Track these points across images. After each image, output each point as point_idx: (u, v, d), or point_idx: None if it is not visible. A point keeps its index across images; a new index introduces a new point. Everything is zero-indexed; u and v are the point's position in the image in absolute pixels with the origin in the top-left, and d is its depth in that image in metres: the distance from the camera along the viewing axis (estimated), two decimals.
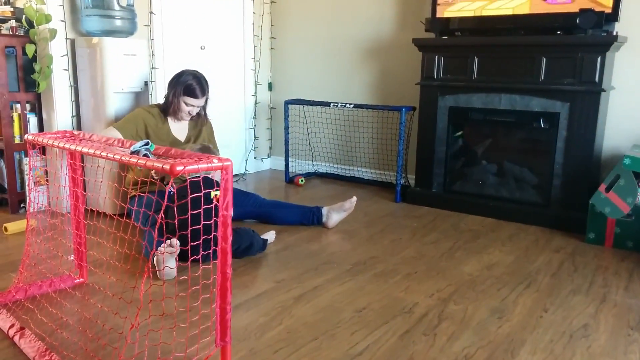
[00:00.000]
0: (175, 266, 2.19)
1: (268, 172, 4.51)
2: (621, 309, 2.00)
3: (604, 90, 2.85)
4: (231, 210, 1.45)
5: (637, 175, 2.61)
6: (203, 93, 2.88)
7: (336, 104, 3.81)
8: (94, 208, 2.85)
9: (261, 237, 2.52)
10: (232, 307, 1.87)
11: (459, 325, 1.86)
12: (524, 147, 3.28)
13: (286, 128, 4.09)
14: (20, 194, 3.13)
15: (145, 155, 1.49)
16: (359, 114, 4.07)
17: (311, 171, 4.38)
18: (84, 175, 2.08)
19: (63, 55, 3.06)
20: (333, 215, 2.93)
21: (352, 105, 3.74)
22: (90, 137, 1.81)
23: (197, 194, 1.51)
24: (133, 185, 2.76)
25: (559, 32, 2.93)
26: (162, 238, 2.23)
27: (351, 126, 4.14)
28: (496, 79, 3.13)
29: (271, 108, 4.55)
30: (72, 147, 1.64)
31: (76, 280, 2.12)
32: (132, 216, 2.67)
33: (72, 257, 2.15)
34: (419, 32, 3.51)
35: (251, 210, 2.97)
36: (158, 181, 2.62)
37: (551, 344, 1.74)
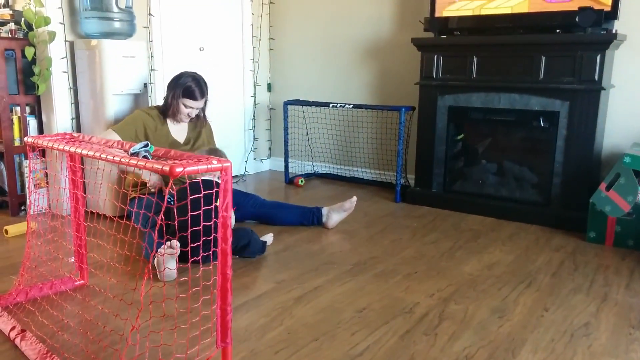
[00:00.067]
0: (175, 267, 2.19)
1: (268, 173, 4.51)
2: (622, 308, 2.00)
3: (604, 88, 2.85)
4: (231, 212, 1.45)
5: (638, 173, 2.61)
6: (202, 95, 2.88)
7: (335, 105, 3.81)
8: (94, 210, 2.86)
9: (260, 239, 2.52)
10: (233, 308, 1.87)
11: (460, 325, 1.86)
12: (524, 146, 3.28)
13: (285, 129, 4.09)
14: (20, 197, 3.13)
15: (144, 157, 1.49)
16: (359, 114, 4.07)
17: (311, 172, 4.38)
18: (84, 177, 2.09)
19: (62, 57, 3.06)
20: (333, 215, 2.93)
21: (352, 105, 3.74)
22: (90, 140, 1.81)
23: (197, 195, 1.51)
24: (133, 187, 2.76)
25: (558, 31, 2.93)
26: (162, 240, 2.24)
27: (351, 126, 4.14)
28: (495, 78, 3.13)
29: (270, 109, 4.55)
30: (72, 150, 1.64)
31: (77, 282, 2.13)
32: (132, 218, 2.67)
33: (73, 259, 2.15)
34: (418, 32, 3.51)
35: (251, 211, 2.98)
36: (157, 189, 2.63)
37: (552, 343, 1.73)
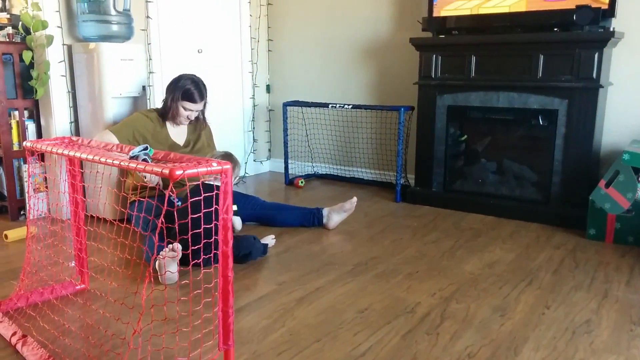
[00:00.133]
0: (176, 270, 2.19)
1: (268, 175, 4.51)
2: (623, 305, 2.00)
3: (602, 86, 2.85)
4: (232, 212, 1.45)
5: (637, 170, 2.61)
6: (201, 97, 2.88)
7: (334, 105, 3.81)
8: (94, 214, 2.85)
9: (262, 243, 2.51)
10: (234, 311, 1.86)
11: (462, 324, 1.86)
12: (523, 145, 3.28)
13: (285, 130, 4.09)
14: (19, 201, 3.13)
15: (144, 160, 1.49)
16: (358, 115, 4.07)
17: (311, 173, 4.38)
18: (84, 181, 2.08)
19: (60, 61, 3.06)
20: (333, 216, 2.93)
21: (351, 106, 3.74)
22: (89, 143, 1.81)
23: (197, 198, 1.51)
24: (132, 190, 2.76)
25: (556, 29, 2.93)
26: (163, 242, 2.23)
27: (350, 127, 4.14)
28: (494, 77, 3.13)
29: (270, 110, 4.55)
30: (71, 153, 1.64)
31: (77, 286, 2.12)
32: (132, 221, 2.67)
33: (73, 264, 2.15)
34: (416, 32, 3.51)
35: (251, 212, 2.97)
36: (157, 187, 2.62)
37: (554, 341, 1.73)
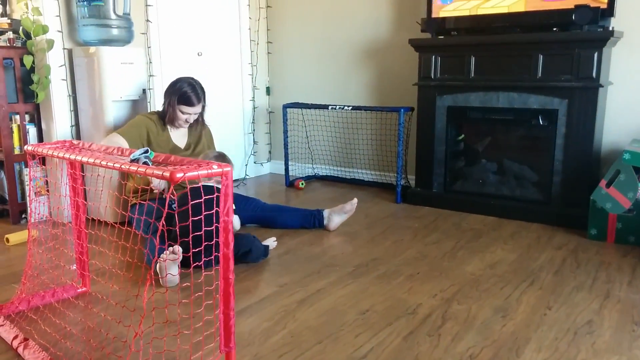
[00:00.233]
0: (177, 273, 2.19)
1: (268, 177, 4.51)
2: (625, 305, 2.00)
3: (602, 85, 2.85)
4: (232, 213, 1.45)
5: (637, 170, 2.61)
6: (199, 100, 2.88)
7: (334, 107, 3.81)
8: (95, 217, 2.85)
9: (262, 244, 2.52)
10: (236, 313, 1.86)
11: (463, 325, 1.85)
12: (524, 145, 3.28)
13: (285, 132, 4.09)
14: (21, 205, 3.13)
15: (144, 163, 1.49)
16: (358, 116, 4.07)
17: (311, 174, 4.38)
18: (85, 184, 2.08)
19: (61, 65, 3.07)
20: (334, 217, 2.93)
21: (351, 107, 3.74)
22: (90, 146, 1.81)
23: (198, 201, 1.51)
24: (133, 193, 2.76)
25: (555, 29, 2.93)
26: (164, 245, 2.23)
27: (350, 128, 4.14)
28: (493, 78, 3.13)
29: (270, 112, 4.56)
30: (72, 157, 1.64)
31: (79, 289, 2.12)
32: (133, 224, 2.67)
33: (74, 267, 2.15)
34: (415, 33, 3.51)
35: (252, 214, 2.97)
36: (158, 190, 2.62)
37: (556, 342, 1.73)
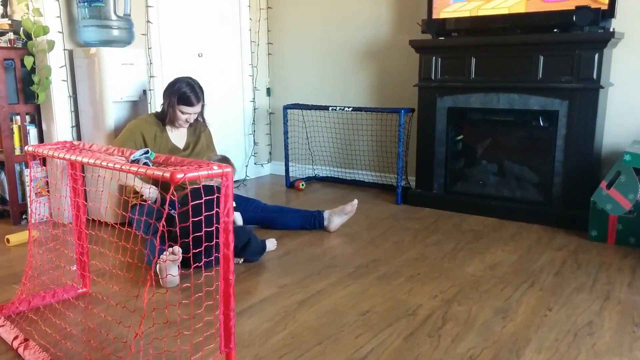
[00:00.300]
0: (177, 273, 2.19)
1: (268, 177, 4.51)
2: (625, 306, 2.00)
3: (602, 86, 2.85)
4: (232, 214, 1.45)
5: (638, 171, 2.61)
6: (198, 100, 2.87)
7: (335, 108, 3.81)
8: (96, 217, 2.86)
9: (259, 239, 2.51)
10: (236, 314, 1.87)
11: (464, 326, 1.85)
12: (524, 146, 3.28)
13: (285, 133, 4.09)
14: (21, 206, 3.13)
15: (145, 163, 1.49)
16: (358, 117, 4.07)
17: (311, 175, 4.38)
18: (85, 185, 2.09)
19: (61, 66, 3.07)
20: (334, 218, 2.93)
21: (351, 108, 3.74)
22: (90, 147, 1.81)
23: (199, 201, 1.51)
24: (134, 194, 2.76)
25: (556, 30, 2.93)
26: (164, 246, 2.23)
27: (350, 129, 4.14)
28: (494, 79, 3.13)
29: (270, 113, 4.56)
30: (73, 158, 1.64)
31: (79, 290, 2.13)
32: (134, 225, 2.67)
33: (75, 267, 2.15)
34: (416, 34, 3.52)
35: (252, 215, 2.97)
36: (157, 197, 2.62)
37: (556, 343, 1.73)
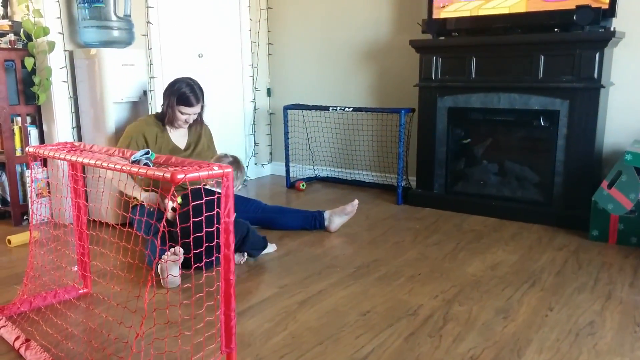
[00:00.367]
0: (178, 274, 2.19)
1: (269, 178, 4.51)
2: (627, 306, 2.00)
3: (603, 86, 2.85)
4: (233, 215, 1.45)
5: (639, 171, 2.61)
6: (197, 100, 2.87)
7: (335, 108, 3.81)
8: (97, 218, 2.86)
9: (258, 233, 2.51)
10: (237, 314, 1.86)
11: (464, 326, 1.85)
12: (525, 146, 3.28)
13: (286, 133, 4.09)
14: (22, 206, 3.14)
15: (145, 164, 1.49)
16: (358, 117, 4.07)
17: (312, 176, 4.38)
18: (86, 186, 2.09)
19: (62, 67, 3.07)
20: (335, 219, 2.93)
21: (351, 108, 3.74)
22: (91, 148, 1.81)
23: (199, 202, 1.51)
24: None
25: (556, 30, 2.93)
26: (165, 246, 2.23)
27: (351, 129, 4.14)
28: (494, 79, 3.13)
29: (270, 114, 4.56)
30: (73, 159, 1.64)
31: (80, 290, 2.13)
32: (135, 225, 2.67)
33: (76, 268, 2.16)
34: (416, 34, 3.51)
35: (253, 216, 2.97)
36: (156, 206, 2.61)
37: (557, 343, 1.73)
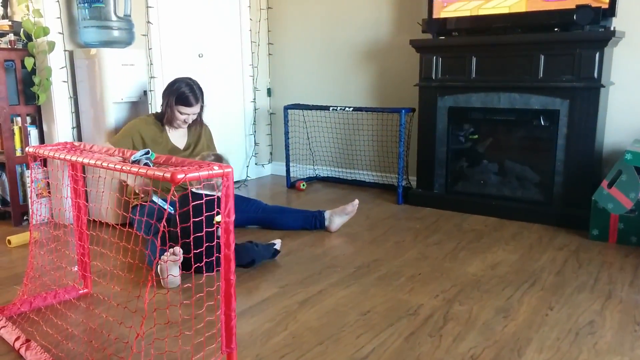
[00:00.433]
0: (178, 274, 2.19)
1: (269, 178, 4.51)
2: (627, 305, 1.99)
3: (603, 85, 2.85)
4: (233, 214, 1.45)
5: (639, 170, 2.61)
6: (197, 100, 2.87)
7: (335, 108, 3.81)
8: (97, 218, 2.86)
9: (268, 244, 2.50)
10: (237, 314, 1.87)
11: (465, 325, 1.85)
12: (525, 146, 3.28)
13: (286, 133, 4.09)
14: (22, 207, 3.14)
15: (145, 164, 1.49)
16: (359, 117, 4.07)
17: (312, 175, 4.38)
18: (86, 186, 2.09)
19: (62, 67, 3.07)
20: (335, 219, 2.93)
21: (352, 108, 3.74)
22: (91, 148, 1.81)
23: (199, 202, 1.51)
24: (135, 194, 2.76)
25: (556, 29, 2.93)
26: (165, 246, 2.23)
27: (351, 129, 4.14)
28: (495, 78, 3.13)
29: (271, 114, 4.56)
30: (73, 159, 1.64)
31: (80, 291, 2.13)
32: (135, 225, 2.67)
33: (76, 268, 2.16)
34: (416, 34, 3.51)
35: (253, 216, 2.97)
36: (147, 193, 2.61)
37: (557, 342, 1.73)
